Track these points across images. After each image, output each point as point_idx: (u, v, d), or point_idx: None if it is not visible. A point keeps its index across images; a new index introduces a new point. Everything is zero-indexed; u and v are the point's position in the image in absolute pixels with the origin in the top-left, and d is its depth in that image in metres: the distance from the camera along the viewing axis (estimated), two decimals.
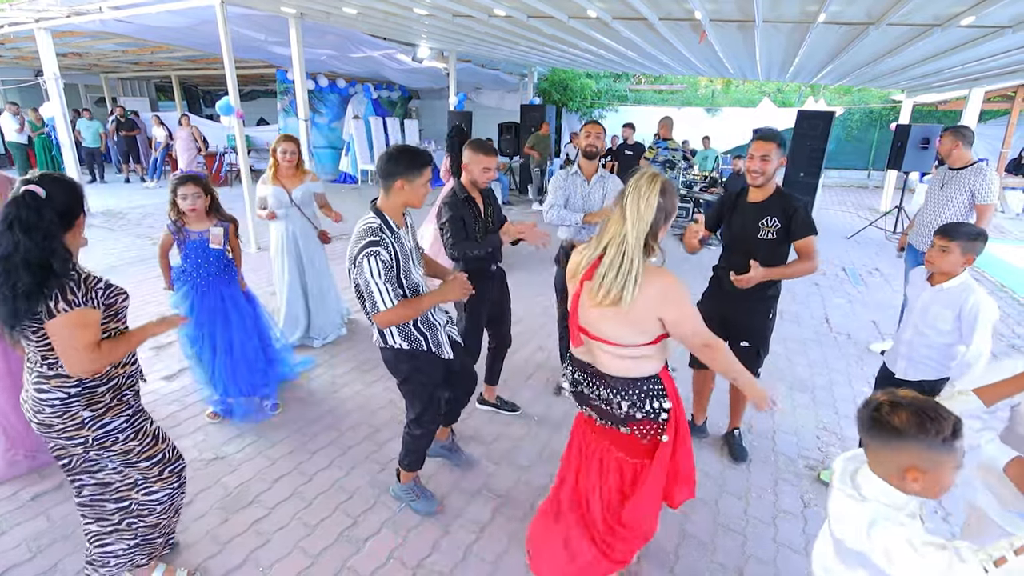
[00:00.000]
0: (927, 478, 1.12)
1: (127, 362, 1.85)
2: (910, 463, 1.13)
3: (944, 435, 1.10)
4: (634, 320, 1.63)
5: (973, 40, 4.80)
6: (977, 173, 3.65)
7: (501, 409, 3.36)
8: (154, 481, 1.92)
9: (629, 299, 1.56)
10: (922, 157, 7.63)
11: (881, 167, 13.91)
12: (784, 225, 2.55)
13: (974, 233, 2.21)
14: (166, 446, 1.96)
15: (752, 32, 5.33)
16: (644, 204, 1.57)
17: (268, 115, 15.67)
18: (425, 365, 2.28)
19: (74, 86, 15.82)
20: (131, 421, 1.84)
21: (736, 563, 2.29)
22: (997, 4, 3.48)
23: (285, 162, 3.82)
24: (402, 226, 2.19)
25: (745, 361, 2.68)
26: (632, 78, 16.77)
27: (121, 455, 1.83)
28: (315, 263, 4.13)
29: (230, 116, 6.24)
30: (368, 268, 1.98)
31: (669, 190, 1.62)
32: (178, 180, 2.92)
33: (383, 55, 9.69)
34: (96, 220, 8.20)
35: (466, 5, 5.30)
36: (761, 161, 2.54)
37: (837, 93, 15.45)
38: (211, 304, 3.13)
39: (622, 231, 1.60)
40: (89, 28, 7.43)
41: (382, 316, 2.04)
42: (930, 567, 1.06)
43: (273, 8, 6.27)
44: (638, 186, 1.60)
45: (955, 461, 1.12)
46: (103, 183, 11.58)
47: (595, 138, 3.25)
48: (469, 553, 2.29)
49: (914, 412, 1.12)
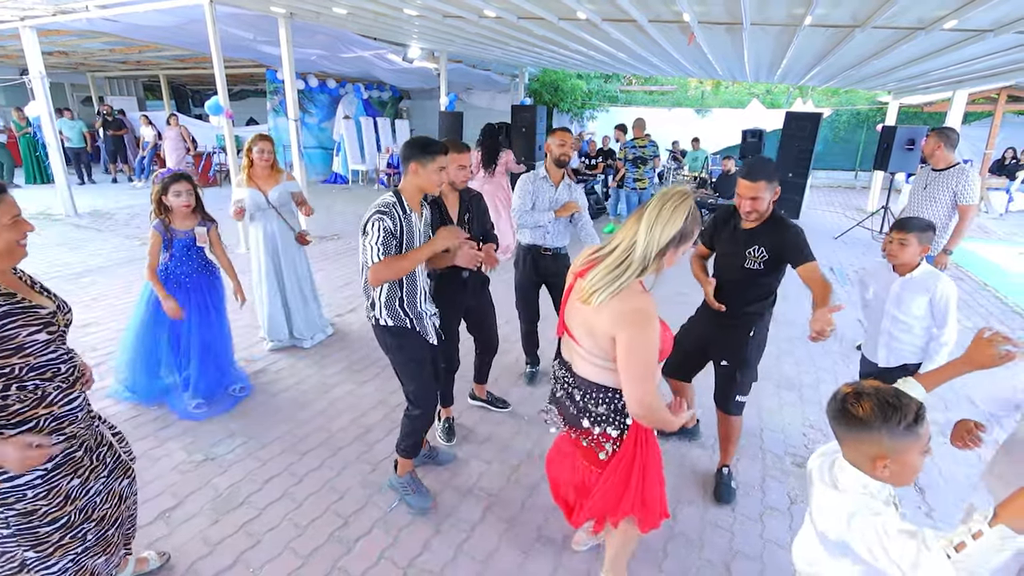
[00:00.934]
0: (895, 464, 1.18)
1: (55, 401, 1.56)
2: (878, 451, 1.18)
3: (907, 421, 1.14)
4: (593, 328, 1.58)
5: (956, 43, 4.88)
6: (959, 174, 3.73)
7: (492, 405, 3.39)
8: (49, 551, 1.59)
9: (596, 301, 1.53)
10: (908, 158, 7.73)
11: (868, 168, 14.09)
12: (772, 256, 2.39)
13: (924, 225, 2.46)
14: (74, 508, 1.63)
15: (740, 34, 5.38)
16: (665, 223, 1.51)
17: (258, 115, 15.57)
18: (409, 342, 2.38)
19: (60, 85, 15.63)
20: (47, 477, 1.55)
21: (723, 559, 2.32)
22: (979, 8, 3.54)
23: (262, 162, 3.76)
24: (416, 211, 2.32)
25: (723, 383, 2.63)
26: (623, 79, 16.84)
27: (21, 516, 1.53)
28: (294, 265, 4.07)
29: (219, 116, 6.20)
30: (372, 228, 2.16)
31: (693, 215, 1.55)
32: (171, 178, 3.00)
33: (373, 55, 9.66)
34: (84, 221, 8.12)
35: (456, 6, 5.30)
36: (751, 202, 2.36)
37: (825, 95, 15.60)
38: (197, 301, 3.21)
39: (632, 240, 1.55)
40: (75, 27, 7.35)
41: (372, 270, 2.16)
42: (902, 555, 1.09)
43: (263, 8, 6.24)
44: (663, 202, 1.53)
45: (920, 446, 1.16)
46: (92, 183, 11.46)
47: (569, 147, 3.34)
48: (460, 552, 2.30)
49: (877, 402, 1.17)
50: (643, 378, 1.53)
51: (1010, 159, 12.18)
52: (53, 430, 1.57)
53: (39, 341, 1.51)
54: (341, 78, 12.84)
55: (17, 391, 1.49)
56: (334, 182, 12.63)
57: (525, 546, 2.34)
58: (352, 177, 12.62)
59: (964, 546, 1.05)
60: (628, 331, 1.51)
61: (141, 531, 2.32)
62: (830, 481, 1.27)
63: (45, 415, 1.54)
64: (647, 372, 1.53)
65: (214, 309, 3.32)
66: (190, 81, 17.00)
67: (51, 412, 1.56)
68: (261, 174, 3.81)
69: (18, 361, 1.47)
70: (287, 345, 4.12)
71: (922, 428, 1.16)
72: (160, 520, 2.41)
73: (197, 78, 15.40)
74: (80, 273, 5.73)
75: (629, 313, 1.52)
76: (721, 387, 2.65)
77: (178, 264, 3.13)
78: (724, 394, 2.63)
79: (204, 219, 3.17)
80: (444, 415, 3.10)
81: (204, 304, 3.26)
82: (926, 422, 1.17)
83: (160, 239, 3.03)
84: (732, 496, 2.69)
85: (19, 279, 1.61)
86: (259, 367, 3.83)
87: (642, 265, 1.53)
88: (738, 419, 2.67)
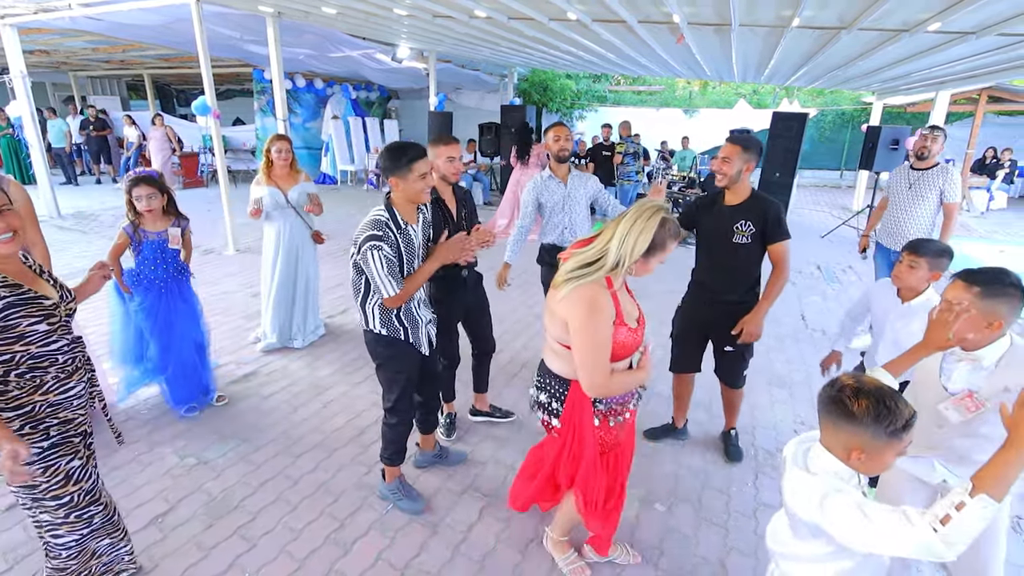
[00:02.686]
0: (869, 459, 1.21)
1: (51, 389, 1.63)
2: (857, 444, 1.21)
3: (895, 427, 1.17)
4: (554, 311, 1.74)
5: (939, 45, 4.96)
6: (944, 173, 3.80)
7: (495, 417, 3.28)
8: (59, 524, 1.74)
9: (564, 291, 1.67)
10: (892, 157, 7.84)
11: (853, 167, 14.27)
12: (759, 229, 2.56)
13: (940, 249, 2.26)
14: (78, 489, 1.73)
15: (728, 35, 5.43)
16: (638, 234, 1.63)
17: (244, 115, 15.42)
18: (400, 353, 2.33)
19: (41, 84, 15.38)
20: (43, 455, 1.63)
21: (718, 556, 2.34)
22: (962, 11, 3.61)
23: (280, 161, 3.78)
24: (412, 222, 2.24)
25: (731, 364, 2.81)
26: (611, 79, 16.90)
27: (26, 488, 1.66)
28: (308, 264, 4.09)
29: (207, 116, 6.13)
30: (372, 261, 2.09)
31: (669, 227, 1.65)
32: (131, 182, 2.87)
33: (362, 55, 9.61)
34: (67, 222, 8.00)
35: (446, 6, 5.29)
36: (721, 162, 2.56)
37: (810, 95, 15.78)
38: (170, 304, 3.13)
39: (607, 245, 1.66)
40: (57, 25, 7.23)
41: (389, 301, 2.16)
42: (881, 530, 1.12)
43: (250, 7, 6.18)
44: (638, 215, 1.64)
45: (898, 448, 1.19)
46: (75, 185, 11.27)
47: (565, 140, 3.24)
48: (457, 553, 2.30)
49: (874, 401, 1.18)
50: (592, 365, 1.66)
51: (991, 159, 12.42)
52: (48, 415, 1.64)
53: (39, 331, 1.57)
54: (329, 78, 12.76)
55: (16, 378, 1.56)
56: (323, 183, 12.54)
57: (522, 546, 2.35)
58: (341, 178, 12.54)
59: (950, 519, 1.07)
60: (578, 315, 1.65)
61: (134, 536, 2.28)
62: (803, 464, 1.31)
63: (41, 402, 1.61)
64: (596, 359, 1.65)
65: (190, 313, 3.19)
66: (175, 81, 16.80)
67: (47, 399, 1.63)
68: (281, 173, 3.83)
69: (19, 349, 1.54)
70: (279, 346, 4.09)
71: (907, 434, 1.18)
72: (152, 526, 2.38)
73: (182, 77, 15.21)
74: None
75: (579, 300, 1.65)
76: (727, 367, 2.86)
77: (150, 267, 3.00)
78: (731, 373, 2.87)
79: (178, 219, 3.03)
80: (446, 410, 3.10)
81: (178, 309, 3.13)
82: (912, 430, 1.19)
83: (127, 240, 2.94)
84: (740, 455, 2.97)
85: (28, 267, 1.65)
86: (250, 369, 3.80)
87: (613, 270, 1.66)
88: (742, 389, 2.95)
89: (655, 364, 3.94)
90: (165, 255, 3.02)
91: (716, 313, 2.74)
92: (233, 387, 3.56)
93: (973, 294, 1.53)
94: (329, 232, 7.58)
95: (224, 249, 6.75)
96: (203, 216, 8.61)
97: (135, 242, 2.96)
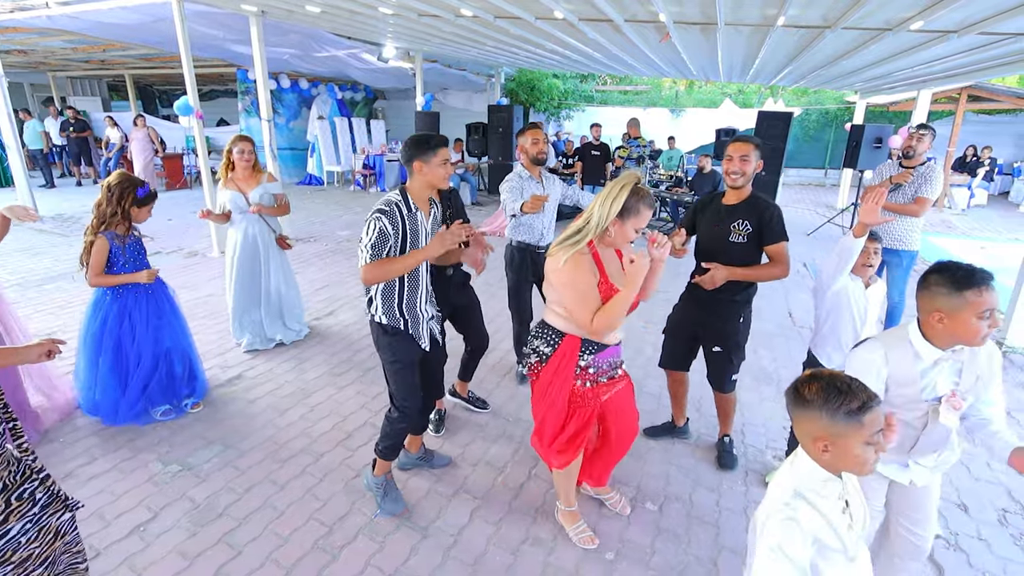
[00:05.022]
0: (835, 448, 1.20)
1: None
2: (818, 432, 1.21)
3: (848, 407, 1.16)
4: (549, 276, 2.06)
5: (921, 44, 5.02)
6: (930, 171, 3.84)
7: (472, 405, 3.36)
8: None
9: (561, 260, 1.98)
10: (876, 156, 7.93)
11: (837, 165, 14.44)
12: (756, 229, 2.55)
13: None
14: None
15: (714, 34, 5.45)
16: (612, 199, 1.95)
17: (228, 115, 15.26)
18: (401, 344, 2.35)
19: (19, 85, 15.09)
20: None
21: (710, 554, 2.34)
22: (944, 10, 3.65)
23: (242, 162, 3.70)
24: (423, 210, 2.30)
25: (719, 366, 2.79)
26: (598, 79, 16.95)
27: None
28: (274, 269, 4.00)
29: (189, 116, 6.04)
30: (368, 227, 2.16)
31: (638, 195, 1.95)
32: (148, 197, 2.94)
33: (348, 55, 9.54)
34: (47, 225, 7.84)
35: (433, 5, 5.26)
36: (740, 162, 2.54)
37: (795, 94, 15.94)
38: (159, 302, 3.11)
39: (589, 214, 1.99)
40: (35, 24, 7.09)
41: (363, 270, 2.19)
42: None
43: (233, 6, 6.10)
44: (613, 184, 1.98)
45: (861, 435, 1.17)
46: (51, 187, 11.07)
47: (543, 143, 3.37)
48: (448, 557, 2.27)
49: (824, 385, 1.20)
50: (581, 305, 1.98)
51: (971, 157, 12.63)
52: None
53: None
54: (314, 78, 12.65)
55: None
56: (309, 184, 12.43)
57: (513, 547, 2.33)
58: (327, 179, 12.44)
59: None
60: (562, 275, 1.99)
61: (115, 546, 2.25)
62: (789, 460, 1.32)
63: None
64: (583, 303, 1.98)
65: (171, 310, 3.21)
66: (157, 81, 16.58)
67: None
68: (242, 175, 3.74)
69: None
70: (260, 348, 4.04)
71: (866, 416, 1.16)
72: (135, 535, 2.32)
73: (164, 78, 15.01)
74: (43, 280, 5.52)
75: (563, 264, 1.98)
76: (715, 370, 2.82)
77: (135, 268, 2.99)
78: (719, 375, 2.82)
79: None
80: (436, 407, 3.10)
81: (163, 307, 3.15)
82: (873, 413, 1.17)
83: (108, 248, 2.87)
84: (735, 463, 2.91)
85: None
86: (235, 373, 3.74)
87: (596, 231, 1.96)
88: (733, 395, 2.89)
89: (643, 364, 3.94)
90: (141, 255, 3.03)
91: (707, 312, 2.73)
92: (218, 391, 3.50)
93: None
94: (314, 234, 7.55)
95: (209, 252, 6.66)
96: (187, 218, 8.50)
97: (116, 248, 2.90)
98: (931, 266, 1.61)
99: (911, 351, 1.63)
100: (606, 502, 2.58)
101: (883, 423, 1.20)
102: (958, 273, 1.51)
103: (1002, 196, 13.11)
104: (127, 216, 2.89)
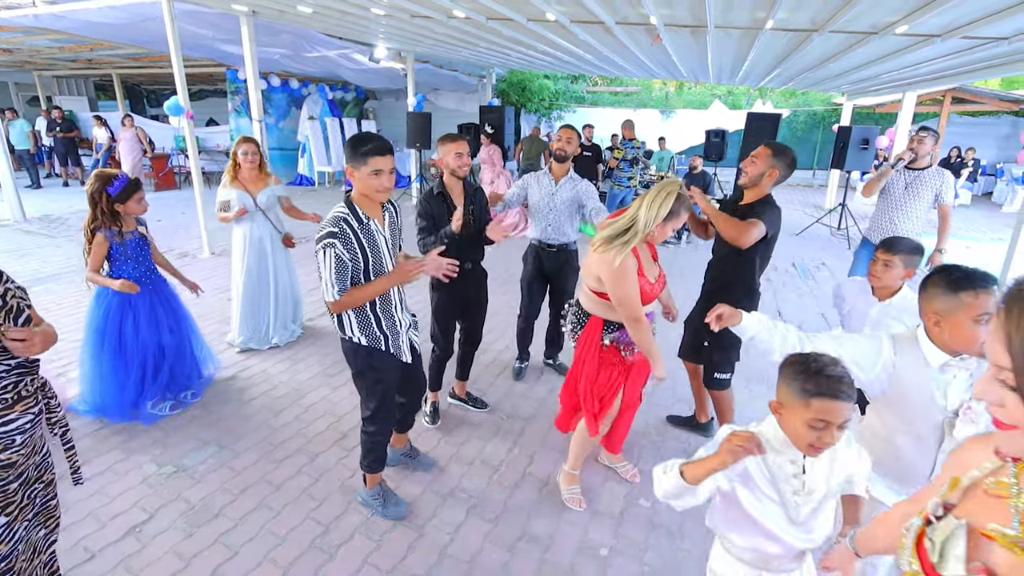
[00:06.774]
0: (784, 412, 1.30)
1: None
2: (780, 396, 1.32)
3: (801, 380, 1.24)
4: (590, 266, 2.26)
5: (907, 47, 5.11)
6: (939, 174, 3.91)
7: (471, 405, 3.38)
8: None
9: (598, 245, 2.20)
10: (863, 157, 8.05)
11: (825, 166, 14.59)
12: None
13: (913, 247, 2.30)
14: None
15: (704, 37, 5.51)
16: (660, 203, 2.13)
17: (218, 115, 15.14)
18: (380, 363, 2.26)
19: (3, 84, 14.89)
20: None
21: (703, 549, 2.37)
22: (928, 14, 3.72)
23: (247, 164, 3.73)
24: (375, 217, 2.13)
25: (704, 361, 2.94)
26: (589, 80, 17.02)
27: None
28: (280, 268, 4.04)
29: (179, 116, 6.00)
30: (322, 259, 2.02)
31: (683, 200, 2.16)
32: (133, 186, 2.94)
33: (339, 55, 9.51)
34: (33, 226, 7.75)
35: (425, 6, 5.27)
36: (749, 161, 2.67)
37: (783, 96, 16.11)
38: (163, 297, 3.19)
39: (635, 214, 2.16)
40: (20, 23, 7.00)
41: (332, 306, 2.08)
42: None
43: (224, 6, 6.07)
44: (660, 189, 2.16)
45: (806, 414, 1.23)
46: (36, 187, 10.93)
47: (565, 143, 3.41)
48: (444, 555, 2.29)
49: (800, 358, 1.28)
50: (629, 306, 2.19)
51: (955, 158, 12.83)
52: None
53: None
54: (304, 78, 12.59)
55: None
56: (299, 184, 12.37)
57: (510, 545, 2.35)
58: (318, 179, 12.39)
59: None
60: (611, 276, 2.16)
61: (111, 548, 2.24)
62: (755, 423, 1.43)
63: None
64: (631, 302, 2.18)
65: (175, 303, 3.29)
66: (145, 80, 16.42)
67: None
68: (249, 176, 3.77)
69: None
70: (256, 348, 4.04)
71: (814, 400, 1.21)
72: (130, 536, 2.32)
73: (153, 77, 14.87)
74: (31, 281, 5.46)
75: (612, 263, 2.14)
76: (705, 365, 2.95)
77: (136, 265, 3.06)
78: (706, 370, 2.96)
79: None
80: (431, 399, 3.16)
81: (167, 302, 3.23)
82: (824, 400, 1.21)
83: (108, 245, 2.92)
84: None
85: None
86: (229, 373, 3.73)
87: (644, 233, 2.13)
88: (722, 393, 2.96)
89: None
90: (143, 252, 3.09)
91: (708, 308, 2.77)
92: (212, 391, 3.49)
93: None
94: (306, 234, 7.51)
95: (199, 252, 6.62)
96: (177, 219, 8.43)
97: (116, 245, 2.95)
98: (934, 268, 1.61)
99: (919, 353, 1.59)
100: (618, 470, 2.81)
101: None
102: (955, 274, 1.49)
103: (985, 197, 13.33)
104: (115, 214, 2.91)
